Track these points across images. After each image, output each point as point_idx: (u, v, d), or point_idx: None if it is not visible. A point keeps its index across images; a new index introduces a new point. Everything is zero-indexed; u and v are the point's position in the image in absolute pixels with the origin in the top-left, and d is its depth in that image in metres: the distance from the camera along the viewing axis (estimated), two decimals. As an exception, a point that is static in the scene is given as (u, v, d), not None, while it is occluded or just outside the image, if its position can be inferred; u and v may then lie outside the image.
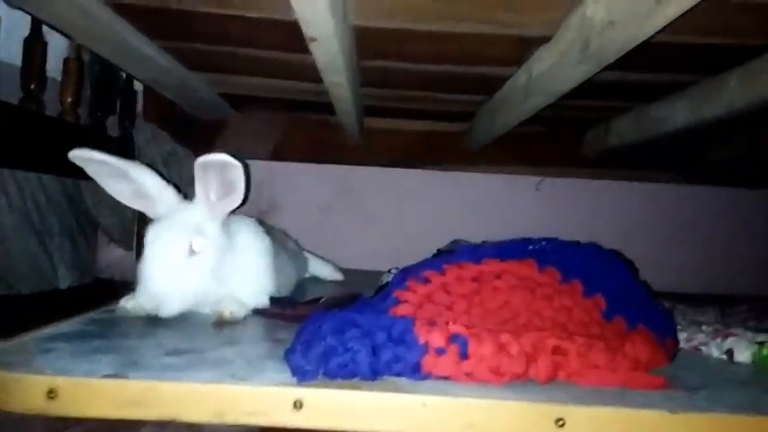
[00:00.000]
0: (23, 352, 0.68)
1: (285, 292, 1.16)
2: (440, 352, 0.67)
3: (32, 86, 1.28)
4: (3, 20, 1.22)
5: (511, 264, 0.92)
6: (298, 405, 0.60)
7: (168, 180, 1.00)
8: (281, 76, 1.43)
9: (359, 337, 0.66)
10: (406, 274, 0.90)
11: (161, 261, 0.90)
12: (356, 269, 1.79)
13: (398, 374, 0.66)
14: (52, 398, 0.59)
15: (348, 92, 1.27)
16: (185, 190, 1.80)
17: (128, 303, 0.92)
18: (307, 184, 2.04)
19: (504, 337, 0.70)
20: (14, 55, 1.34)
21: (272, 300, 1.04)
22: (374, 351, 0.65)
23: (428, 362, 0.67)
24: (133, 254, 1.83)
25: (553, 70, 1.05)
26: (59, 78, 1.44)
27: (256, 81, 1.50)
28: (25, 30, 1.30)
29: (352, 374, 0.64)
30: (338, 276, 1.58)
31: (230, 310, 0.93)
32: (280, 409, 0.60)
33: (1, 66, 1.33)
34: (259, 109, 1.89)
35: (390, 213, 2.09)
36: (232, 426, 0.61)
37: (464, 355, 0.67)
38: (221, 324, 0.92)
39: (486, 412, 0.61)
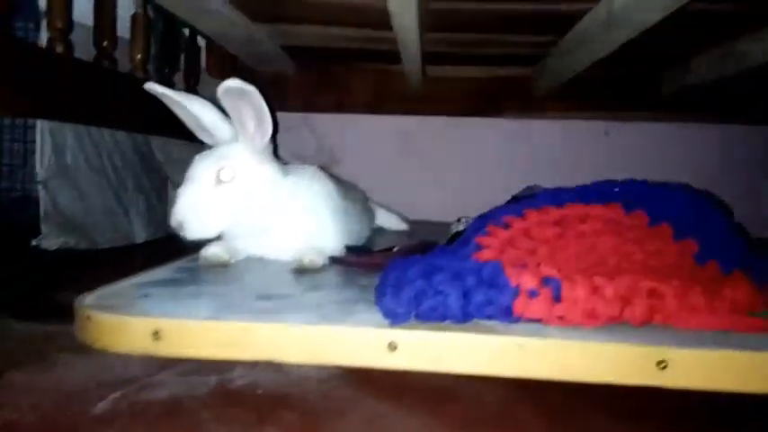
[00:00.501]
0: (123, 297, 0.71)
1: (357, 242, 1.17)
2: (532, 295, 0.65)
3: (105, 44, 1.30)
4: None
5: (595, 207, 0.88)
6: (392, 347, 0.60)
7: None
8: (346, 23, 1.40)
9: (449, 280, 0.65)
10: (485, 219, 0.88)
11: (190, 186, 0.93)
12: (421, 220, 1.78)
13: (489, 317, 0.65)
14: (157, 339, 0.61)
15: (416, 36, 1.23)
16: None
17: (208, 251, 0.95)
18: (368, 136, 2.03)
19: (598, 280, 0.68)
20: (86, 15, 1.36)
21: (347, 249, 1.05)
22: (465, 294, 0.64)
23: (520, 305, 0.65)
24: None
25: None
26: (126, 37, 1.47)
27: (319, 30, 1.48)
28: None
29: (443, 317, 0.64)
30: (404, 227, 1.58)
31: (310, 257, 0.94)
32: (374, 350, 0.61)
33: (74, 26, 1.35)
34: (320, 61, 1.87)
35: (454, 163, 2.06)
36: (321, 368, 0.62)
37: (557, 298, 0.66)
38: (301, 271, 0.93)
39: (584, 354, 0.60)
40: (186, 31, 1.70)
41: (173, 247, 1.07)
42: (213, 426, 0.58)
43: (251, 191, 0.96)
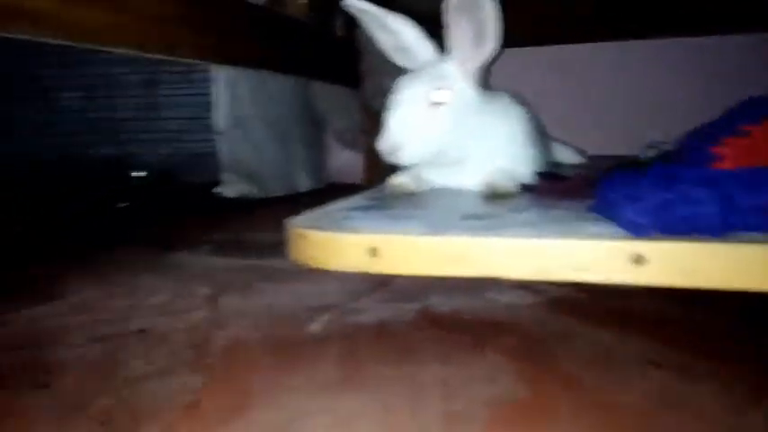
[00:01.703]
0: (330, 218, 0.70)
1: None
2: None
3: (273, -12, 1.31)
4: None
5: None
6: (638, 260, 0.53)
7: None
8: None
9: (700, 187, 0.56)
10: (715, 129, 0.75)
11: (401, 109, 0.89)
12: (594, 155, 1.64)
13: (756, 228, 0.55)
14: (374, 255, 0.59)
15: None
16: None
17: (396, 180, 0.92)
18: (520, 68, 1.89)
19: None
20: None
21: (538, 175, 0.97)
22: (723, 202, 0.54)
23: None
24: (363, 157, 1.89)
25: None
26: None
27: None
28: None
29: (695, 228, 0.55)
30: (581, 159, 1.46)
31: (502, 183, 0.88)
32: (615, 264, 0.53)
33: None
34: None
35: (617, 91, 1.86)
36: (527, 294, 0.56)
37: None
38: (493, 197, 0.87)
39: None
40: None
41: (336, 196, 1.07)
42: (429, 346, 0.55)
43: (464, 114, 0.91)
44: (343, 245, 0.59)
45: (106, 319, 0.64)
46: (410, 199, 0.87)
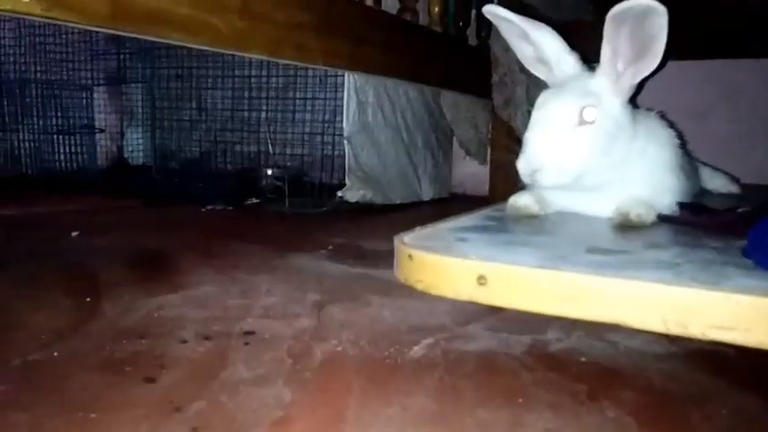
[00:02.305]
0: (441, 239, 0.67)
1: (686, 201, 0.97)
2: None
3: (408, -5, 1.31)
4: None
5: None
6: (800, 324, 0.44)
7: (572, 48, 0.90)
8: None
9: None
10: None
11: (546, 127, 0.80)
12: (751, 184, 1.46)
13: None
14: (482, 284, 0.55)
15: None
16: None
17: (518, 201, 0.86)
18: (677, 85, 1.73)
19: None
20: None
21: (681, 206, 0.87)
22: None
23: None
24: (487, 168, 1.84)
25: None
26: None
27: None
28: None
29: None
30: (735, 189, 1.29)
31: (637, 212, 0.79)
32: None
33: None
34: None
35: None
36: (655, 342, 0.49)
37: None
38: (625, 226, 0.79)
39: None
40: (478, -15, 1.65)
41: (458, 206, 1.03)
42: (539, 391, 0.50)
43: (613, 136, 0.81)
44: (450, 270, 0.56)
45: (218, 317, 0.66)
46: (532, 223, 0.81)
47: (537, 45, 0.88)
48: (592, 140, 0.80)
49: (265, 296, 0.74)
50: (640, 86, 0.87)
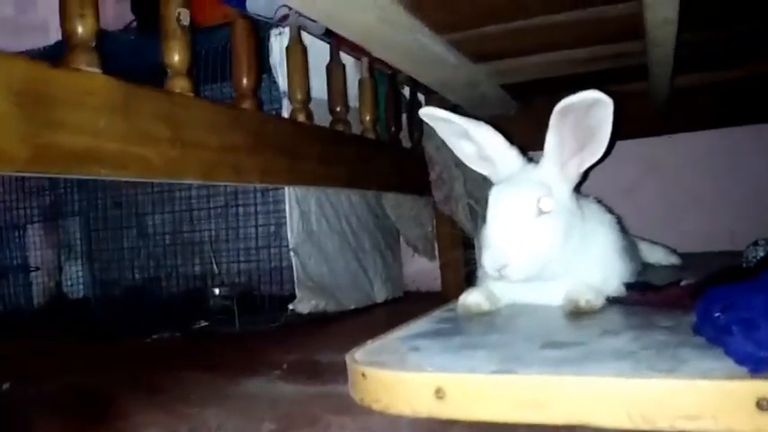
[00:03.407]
0: (393, 351, 0.64)
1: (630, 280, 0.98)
2: None
3: (338, 109, 1.35)
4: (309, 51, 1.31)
5: None
6: (763, 405, 0.43)
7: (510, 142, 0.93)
8: (579, 43, 1.28)
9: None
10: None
11: (505, 221, 0.80)
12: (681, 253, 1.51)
13: None
14: (440, 397, 0.52)
15: (672, 36, 1.05)
16: (478, 193, 1.76)
17: (467, 299, 0.85)
18: (604, 165, 1.82)
19: None
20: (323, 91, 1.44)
21: (627, 286, 0.87)
22: None
23: None
24: (437, 264, 1.84)
25: None
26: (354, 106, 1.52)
27: (546, 58, 1.37)
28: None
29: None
30: (675, 260, 1.33)
31: (586, 298, 0.79)
32: (737, 410, 0.44)
33: (315, 102, 1.43)
34: (543, 95, 1.75)
35: (707, 185, 1.74)
36: None
37: None
38: (576, 314, 0.79)
39: None
40: (407, 91, 1.73)
41: (411, 306, 1.00)
42: None
43: (569, 223, 0.82)
44: (406, 386, 0.53)
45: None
46: (484, 320, 0.79)
47: (478, 143, 0.91)
48: (553, 229, 0.81)
49: (216, 433, 0.68)
50: (585, 174, 0.90)
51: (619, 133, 1.74)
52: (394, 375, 0.55)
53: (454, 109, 1.76)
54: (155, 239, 1.99)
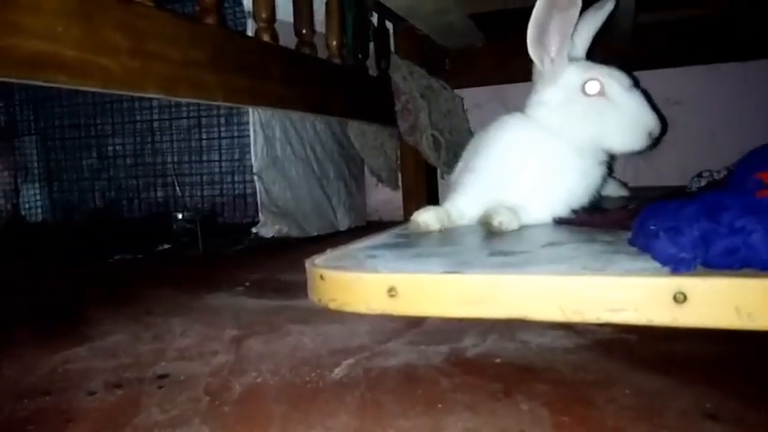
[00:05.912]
0: (352, 258, 0.68)
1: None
2: None
3: (304, 31, 1.33)
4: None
5: None
6: (679, 298, 0.48)
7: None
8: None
9: (747, 216, 0.51)
10: (765, 154, 0.70)
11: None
12: (637, 186, 1.58)
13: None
14: (393, 296, 0.56)
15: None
16: (442, 124, 1.78)
17: (418, 217, 0.89)
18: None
19: None
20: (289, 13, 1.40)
21: (575, 210, 0.92)
22: (772, 231, 0.49)
23: None
24: (400, 194, 1.88)
25: None
26: (321, 31, 1.50)
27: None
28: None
29: (743, 261, 0.50)
30: (625, 192, 1.39)
31: (499, 219, 0.84)
32: (656, 303, 0.49)
33: (281, 24, 1.40)
34: (510, 28, 1.76)
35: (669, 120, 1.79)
36: (562, 337, 0.52)
37: None
38: (491, 231, 0.83)
39: None
40: (375, 18, 1.71)
41: (374, 234, 1.04)
42: (457, 395, 0.52)
43: None
44: (361, 285, 0.57)
45: (129, 364, 0.63)
46: (439, 236, 0.84)
47: None
48: None
49: (180, 338, 0.71)
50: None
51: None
52: (350, 276, 0.58)
53: (424, 39, 1.76)
54: (115, 164, 1.96)
